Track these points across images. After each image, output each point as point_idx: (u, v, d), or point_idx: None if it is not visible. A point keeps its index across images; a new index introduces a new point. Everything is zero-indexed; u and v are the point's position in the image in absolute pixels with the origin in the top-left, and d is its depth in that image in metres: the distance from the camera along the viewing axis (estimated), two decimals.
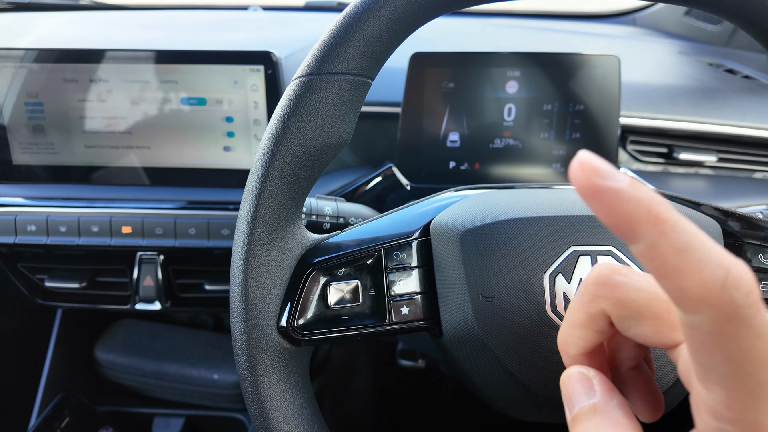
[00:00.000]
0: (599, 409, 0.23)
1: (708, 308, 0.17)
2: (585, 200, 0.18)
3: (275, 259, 0.36)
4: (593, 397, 0.23)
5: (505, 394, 0.37)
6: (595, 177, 0.18)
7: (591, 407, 0.23)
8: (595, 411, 0.23)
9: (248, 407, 0.36)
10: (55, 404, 0.93)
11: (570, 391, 0.24)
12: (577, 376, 0.24)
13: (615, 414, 0.22)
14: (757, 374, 0.17)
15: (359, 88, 0.36)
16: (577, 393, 0.24)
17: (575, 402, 0.24)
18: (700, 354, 0.18)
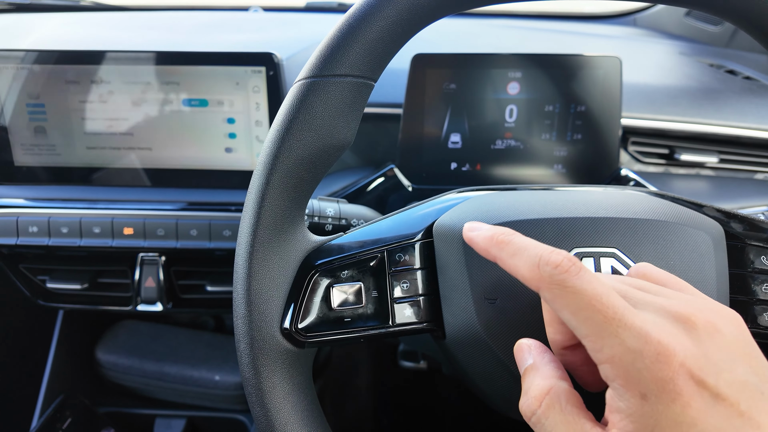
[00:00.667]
0: (534, 366, 0.29)
1: (537, 283, 0.27)
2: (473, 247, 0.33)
3: (278, 261, 0.36)
4: (529, 359, 0.29)
5: (508, 396, 0.37)
6: (467, 232, 0.33)
7: (530, 366, 0.29)
8: (531, 368, 0.29)
9: (252, 409, 0.36)
10: (57, 405, 0.93)
11: (516, 357, 0.31)
12: (518, 346, 0.31)
13: (545, 369, 0.28)
14: (591, 318, 0.25)
15: (362, 90, 0.36)
16: (520, 358, 0.30)
17: (521, 364, 0.30)
18: (560, 320, 0.29)
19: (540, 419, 0.27)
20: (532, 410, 0.27)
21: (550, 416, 0.26)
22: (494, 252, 0.31)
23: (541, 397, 0.27)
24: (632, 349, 0.24)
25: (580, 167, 0.75)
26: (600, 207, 0.37)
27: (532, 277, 0.27)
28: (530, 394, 0.27)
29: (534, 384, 0.28)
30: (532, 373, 0.28)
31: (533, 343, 0.30)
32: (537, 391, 0.27)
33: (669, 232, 0.35)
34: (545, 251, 0.27)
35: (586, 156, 0.74)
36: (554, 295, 0.26)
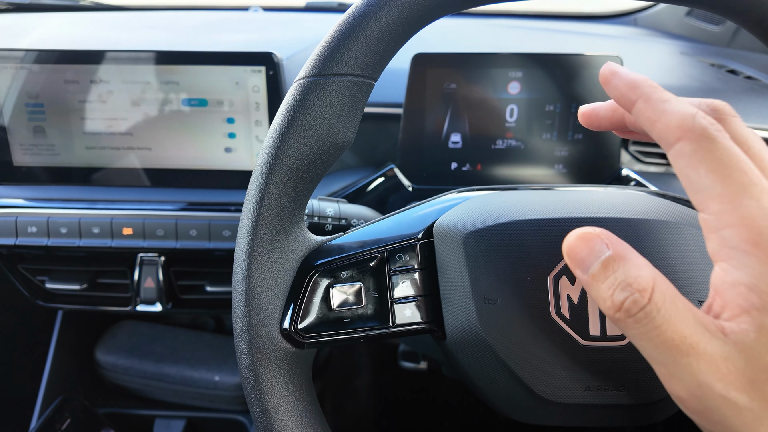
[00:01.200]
0: (619, 256, 0.23)
1: (686, 132, 0.23)
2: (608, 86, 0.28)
3: (278, 261, 0.36)
4: (606, 250, 0.24)
5: (508, 397, 0.37)
6: (606, 70, 0.29)
7: (609, 258, 0.24)
8: (615, 260, 0.23)
9: (251, 410, 0.36)
10: (56, 406, 0.92)
11: (579, 254, 0.25)
12: (580, 238, 0.25)
13: (636, 258, 0.24)
14: (733, 177, 0.22)
15: (362, 89, 0.35)
16: (588, 252, 0.24)
17: (589, 262, 0.24)
18: (689, 176, 0.24)
19: (650, 314, 0.22)
20: (640, 305, 0.23)
21: (663, 309, 0.22)
22: (644, 91, 0.26)
23: (649, 288, 0.23)
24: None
25: (581, 167, 0.75)
26: (601, 207, 0.36)
27: (681, 126, 0.24)
28: (633, 286, 0.23)
29: (631, 275, 0.23)
30: (618, 264, 0.24)
31: (602, 231, 0.25)
32: (642, 282, 0.23)
33: (670, 232, 0.35)
34: (701, 105, 0.26)
35: (587, 156, 0.74)
36: (699, 148, 0.23)
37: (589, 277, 0.24)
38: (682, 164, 0.24)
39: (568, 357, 0.34)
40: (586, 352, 0.33)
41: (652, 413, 0.35)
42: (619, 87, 0.28)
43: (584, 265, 0.25)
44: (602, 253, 0.24)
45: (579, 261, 0.25)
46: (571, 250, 0.25)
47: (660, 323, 0.22)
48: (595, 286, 0.24)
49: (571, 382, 0.34)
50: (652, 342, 0.23)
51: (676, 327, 0.22)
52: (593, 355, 0.33)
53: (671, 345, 0.22)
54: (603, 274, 0.24)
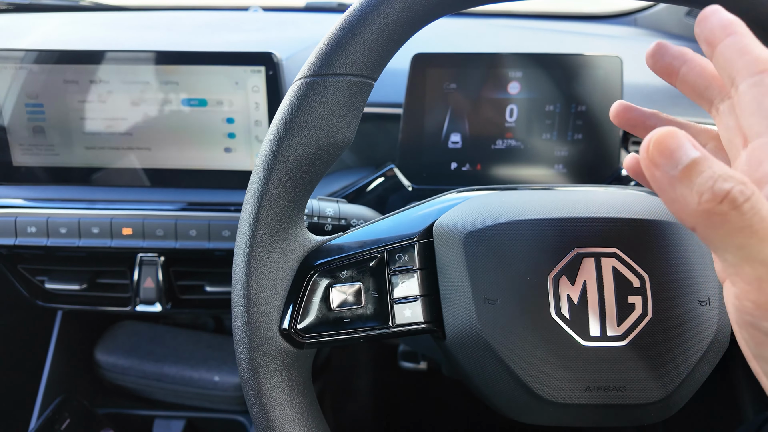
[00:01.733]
0: (706, 156, 0.22)
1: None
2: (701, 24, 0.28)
3: (277, 261, 0.36)
4: (693, 150, 0.22)
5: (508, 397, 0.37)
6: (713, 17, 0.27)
7: (702, 156, 0.22)
8: (707, 157, 0.22)
9: (250, 410, 0.36)
10: (56, 406, 0.92)
11: (669, 146, 0.22)
12: (668, 133, 0.23)
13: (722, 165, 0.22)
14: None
15: (362, 89, 0.35)
16: (678, 147, 0.22)
17: (679, 156, 0.22)
18: (762, 103, 0.24)
19: (756, 203, 0.21)
20: (747, 194, 0.21)
21: (766, 203, 0.21)
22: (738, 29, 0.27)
23: (748, 180, 0.21)
24: None
25: (580, 167, 0.75)
26: (601, 207, 0.36)
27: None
28: (735, 177, 0.21)
29: (727, 169, 0.22)
30: (710, 161, 0.22)
31: (687, 134, 0.23)
32: (739, 176, 0.21)
33: (670, 232, 0.35)
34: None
35: (586, 156, 0.74)
36: None
37: (679, 172, 0.22)
38: (756, 92, 0.25)
39: (567, 357, 0.33)
40: (586, 352, 0.33)
41: (652, 413, 0.35)
42: (714, 24, 0.27)
43: (673, 159, 0.22)
44: (692, 151, 0.22)
45: (666, 155, 0.23)
46: (659, 143, 0.23)
47: (766, 214, 0.21)
48: (685, 182, 0.22)
49: (571, 382, 0.34)
50: (758, 235, 0.21)
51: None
52: (593, 355, 0.33)
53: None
54: (695, 170, 0.22)
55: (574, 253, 0.34)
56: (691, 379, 0.34)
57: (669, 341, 0.33)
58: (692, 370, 0.34)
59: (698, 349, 0.34)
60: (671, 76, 0.34)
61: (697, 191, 0.22)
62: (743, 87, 0.25)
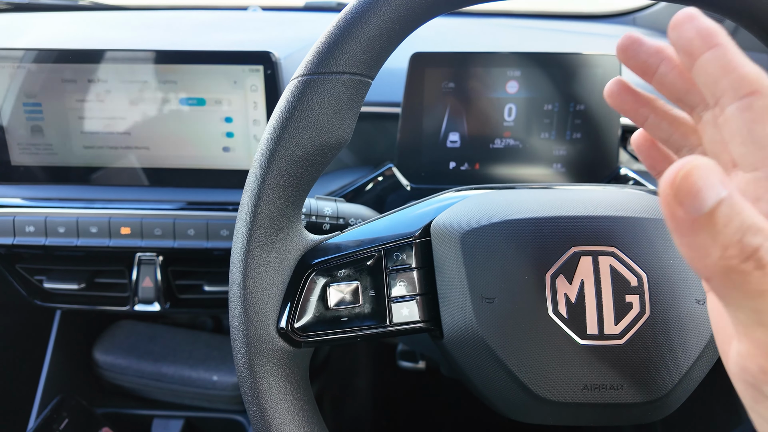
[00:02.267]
0: (738, 198, 0.19)
1: (764, 87, 0.23)
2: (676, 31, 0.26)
3: (275, 260, 0.36)
4: (722, 190, 0.19)
5: (506, 396, 0.37)
6: (688, 23, 0.26)
7: (730, 197, 0.19)
8: (736, 200, 0.19)
9: (248, 409, 0.36)
10: (54, 406, 0.92)
11: (695, 185, 0.19)
12: (698, 166, 0.19)
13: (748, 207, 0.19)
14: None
15: (359, 87, 0.35)
16: (705, 186, 0.19)
17: (704, 198, 0.19)
18: (754, 130, 0.23)
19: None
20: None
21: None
22: (721, 41, 0.25)
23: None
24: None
25: (579, 166, 0.75)
26: (599, 206, 0.36)
27: (759, 80, 0.23)
28: (765, 232, 0.19)
29: (756, 219, 0.19)
30: (740, 206, 0.19)
31: (717, 166, 0.19)
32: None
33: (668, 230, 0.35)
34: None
35: (585, 155, 0.74)
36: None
37: (704, 216, 0.19)
38: (747, 117, 0.22)
39: (565, 356, 0.33)
40: (583, 351, 0.33)
41: (650, 412, 0.35)
42: (690, 33, 0.25)
43: (697, 202, 0.19)
44: (720, 190, 0.19)
45: (692, 195, 0.19)
46: (684, 180, 0.19)
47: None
48: (709, 229, 0.19)
49: (568, 381, 0.34)
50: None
51: None
52: (591, 354, 0.33)
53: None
54: (724, 214, 0.19)
55: (572, 252, 0.34)
56: (689, 378, 0.34)
57: (666, 340, 0.33)
58: (690, 368, 0.34)
59: (696, 347, 0.34)
60: (647, 75, 0.31)
61: (721, 243, 0.19)
62: (730, 111, 0.23)
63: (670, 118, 0.32)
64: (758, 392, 0.22)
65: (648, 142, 0.34)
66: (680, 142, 0.31)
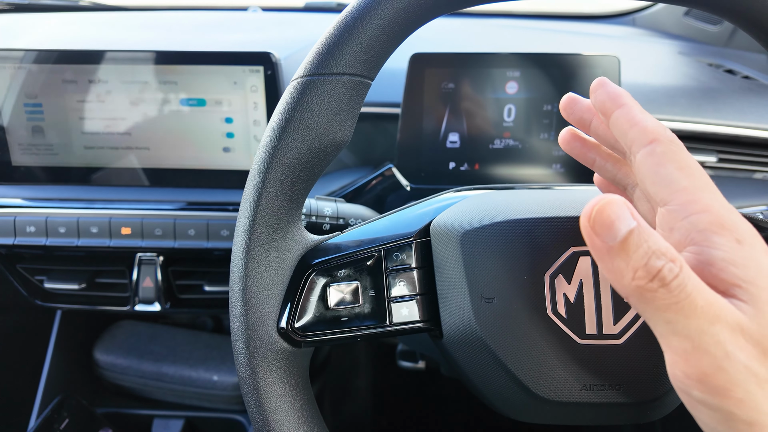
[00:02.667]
0: (645, 229, 0.23)
1: (661, 136, 0.27)
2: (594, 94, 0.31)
3: (275, 260, 0.36)
4: (631, 221, 0.23)
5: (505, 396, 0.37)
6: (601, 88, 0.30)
7: (639, 227, 0.23)
8: (643, 230, 0.23)
9: (248, 409, 0.36)
10: (55, 406, 0.92)
11: (608, 218, 0.23)
12: (608, 203, 0.24)
13: (655, 234, 0.24)
14: (696, 175, 0.25)
15: (359, 88, 0.35)
16: (617, 218, 0.23)
17: (617, 229, 0.23)
18: (658, 172, 0.26)
19: (684, 281, 0.23)
20: (675, 273, 0.23)
21: (692, 277, 0.23)
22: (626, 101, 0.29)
23: (678, 258, 0.23)
24: (725, 205, 0.25)
25: (578, 167, 0.75)
26: None
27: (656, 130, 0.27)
28: (668, 255, 0.23)
29: (662, 244, 0.23)
30: (647, 233, 0.23)
31: (625, 200, 0.24)
32: (673, 252, 0.23)
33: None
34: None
35: None
36: (669, 150, 0.26)
37: (617, 244, 0.23)
38: (651, 162, 0.27)
39: (564, 355, 0.34)
40: (582, 351, 0.33)
41: (649, 411, 0.35)
42: (603, 96, 0.30)
43: (611, 232, 0.23)
44: (630, 221, 0.23)
45: (606, 227, 0.23)
46: (599, 214, 0.24)
47: (691, 290, 0.22)
48: (622, 255, 0.23)
49: (567, 381, 0.34)
50: (683, 311, 0.23)
51: (704, 294, 0.23)
52: (590, 354, 0.33)
53: (701, 313, 0.22)
54: (632, 242, 0.23)
55: (571, 252, 0.34)
56: None
57: None
58: None
59: None
60: (584, 127, 0.36)
61: (632, 266, 0.23)
62: (639, 157, 0.27)
63: (612, 159, 0.36)
64: (690, 397, 0.24)
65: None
66: (624, 180, 0.35)
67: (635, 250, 0.23)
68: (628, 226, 0.23)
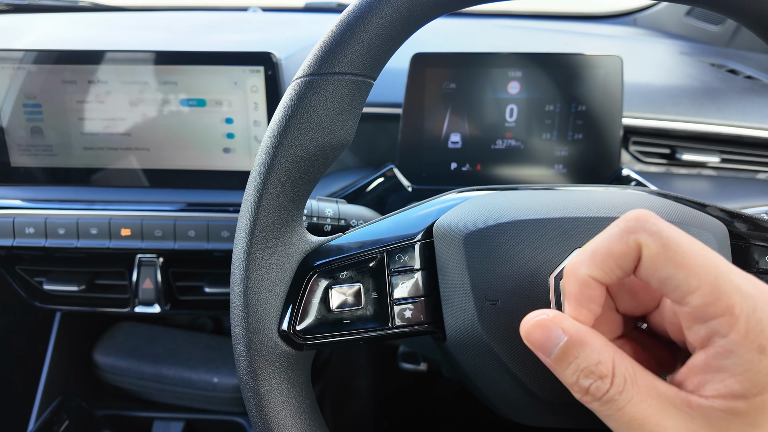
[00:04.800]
0: (578, 341, 0.24)
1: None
2: None
3: (276, 261, 0.36)
4: (563, 336, 0.24)
5: (509, 399, 0.36)
6: None
7: (568, 343, 0.24)
8: (574, 345, 0.24)
9: (249, 413, 0.36)
10: (54, 408, 0.92)
11: (538, 340, 0.25)
12: (536, 325, 0.25)
13: (594, 340, 0.24)
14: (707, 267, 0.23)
15: (361, 88, 0.35)
16: (546, 339, 0.25)
17: (548, 348, 0.25)
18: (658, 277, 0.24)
19: (613, 397, 0.23)
20: (603, 390, 0.23)
21: (625, 391, 0.23)
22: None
23: (609, 374, 0.23)
24: (749, 294, 0.22)
25: (581, 167, 0.74)
26: (602, 207, 0.36)
27: None
28: (596, 373, 0.23)
29: (591, 361, 0.24)
30: (578, 349, 0.24)
31: (555, 314, 0.25)
32: (603, 369, 0.23)
33: None
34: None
35: (587, 156, 0.74)
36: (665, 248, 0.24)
37: (552, 361, 0.25)
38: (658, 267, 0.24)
39: None
40: None
41: None
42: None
43: (545, 351, 0.25)
44: (560, 339, 0.25)
45: (539, 346, 0.25)
46: (529, 336, 0.26)
47: (623, 405, 0.23)
48: (559, 371, 0.25)
49: None
50: (618, 422, 0.24)
51: (638, 407, 0.23)
52: None
53: (636, 425, 0.23)
54: (564, 360, 0.25)
55: (575, 253, 0.34)
56: None
57: None
58: None
59: None
60: None
61: (567, 382, 0.25)
62: None
63: None
64: None
65: None
66: None
67: (566, 368, 0.24)
68: (556, 344, 0.24)
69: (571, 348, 0.24)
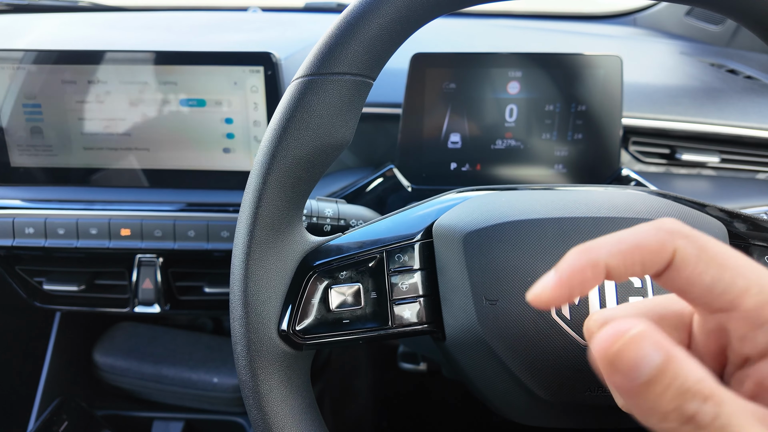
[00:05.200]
0: (671, 358, 0.19)
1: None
2: None
3: (276, 261, 0.36)
4: (657, 352, 0.19)
5: (509, 399, 0.36)
6: None
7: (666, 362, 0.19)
8: (671, 362, 0.19)
9: (249, 412, 0.36)
10: (54, 408, 0.92)
11: (628, 357, 0.19)
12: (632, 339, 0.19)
13: (683, 355, 0.19)
14: (748, 264, 0.21)
15: (360, 88, 0.35)
16: (639, 356, 0.19)
17: (641, 368, 0.19)
18: (702, 282, 0.21)
19: (725, 424, 0.19)
20: (712, 414, 0.19)
21: (735, 413, 0.19)
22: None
23: (716, 392, 0.19)
24: None
25: (581, 167, 0.74)
26: (602, 207, 0.36)
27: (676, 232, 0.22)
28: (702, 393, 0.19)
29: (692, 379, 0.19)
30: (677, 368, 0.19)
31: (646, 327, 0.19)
32: (707, 386, 0.19)
33: None
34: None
35: (586, 156, 0.74)
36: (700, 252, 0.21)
37: (641, 385, 0.19)
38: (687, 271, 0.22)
39: (569, 358, 0.33)
40: (587, 354, 0.33)
41: None
42: None
43: (635, 372, 0.19)
44: (654, 356, 0.19)
45: (628, 367, 0.19)
46: (619, 354, 0.19)
47: (735, 429, 0.19)
48: (649, 397, 0.19)
49: (572, 384, 0.33)
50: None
51: (747, 429, 0.19)
52: None
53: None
54: (660, 381, 0.19)
55: None
56: None
57: None
58: None
59: None
60: None
61: (661, 411, 0.19)
62: None
63: None
64: None
65: None
66: None
67: (664, 391, 0.19)
68: (654, 362, 0.19)
69: (671, 365, 0.19)
